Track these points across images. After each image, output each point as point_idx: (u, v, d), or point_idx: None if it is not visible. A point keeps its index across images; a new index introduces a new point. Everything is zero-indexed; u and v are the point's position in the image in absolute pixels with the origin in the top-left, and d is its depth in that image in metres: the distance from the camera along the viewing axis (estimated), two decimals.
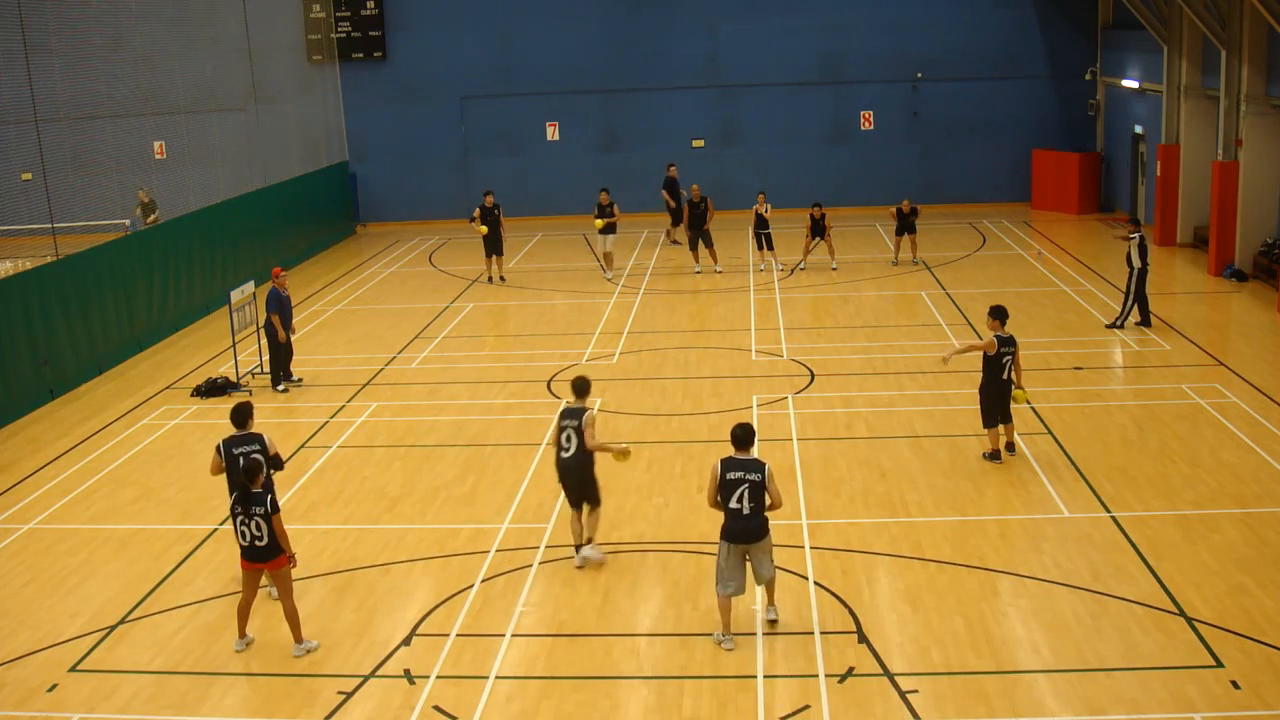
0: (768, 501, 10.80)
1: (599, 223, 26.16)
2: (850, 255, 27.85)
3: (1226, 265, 24.40)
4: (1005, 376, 14.66)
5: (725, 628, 10.92)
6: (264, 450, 12.03)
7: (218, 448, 12.15)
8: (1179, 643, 10.57)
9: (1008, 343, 14.64)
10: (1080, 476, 14.35)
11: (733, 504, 10.75)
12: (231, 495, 11.59)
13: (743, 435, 10.91)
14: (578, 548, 12.61)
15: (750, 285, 25.46)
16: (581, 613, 11.59)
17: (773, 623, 11.13)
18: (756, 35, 33.73)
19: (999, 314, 14.82)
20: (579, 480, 12.48)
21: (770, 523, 10.93)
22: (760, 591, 11.27)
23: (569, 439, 12.39)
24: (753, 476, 10.72)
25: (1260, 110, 23.55)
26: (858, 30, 33.54)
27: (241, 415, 12.28)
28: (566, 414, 12.48)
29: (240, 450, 11.95)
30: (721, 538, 10.88)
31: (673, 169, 29.82)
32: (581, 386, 12.63)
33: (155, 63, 27.72)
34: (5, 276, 20.86)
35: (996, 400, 14.75)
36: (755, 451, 11.08)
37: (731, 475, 10.76)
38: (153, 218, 27.48)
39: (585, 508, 12.58)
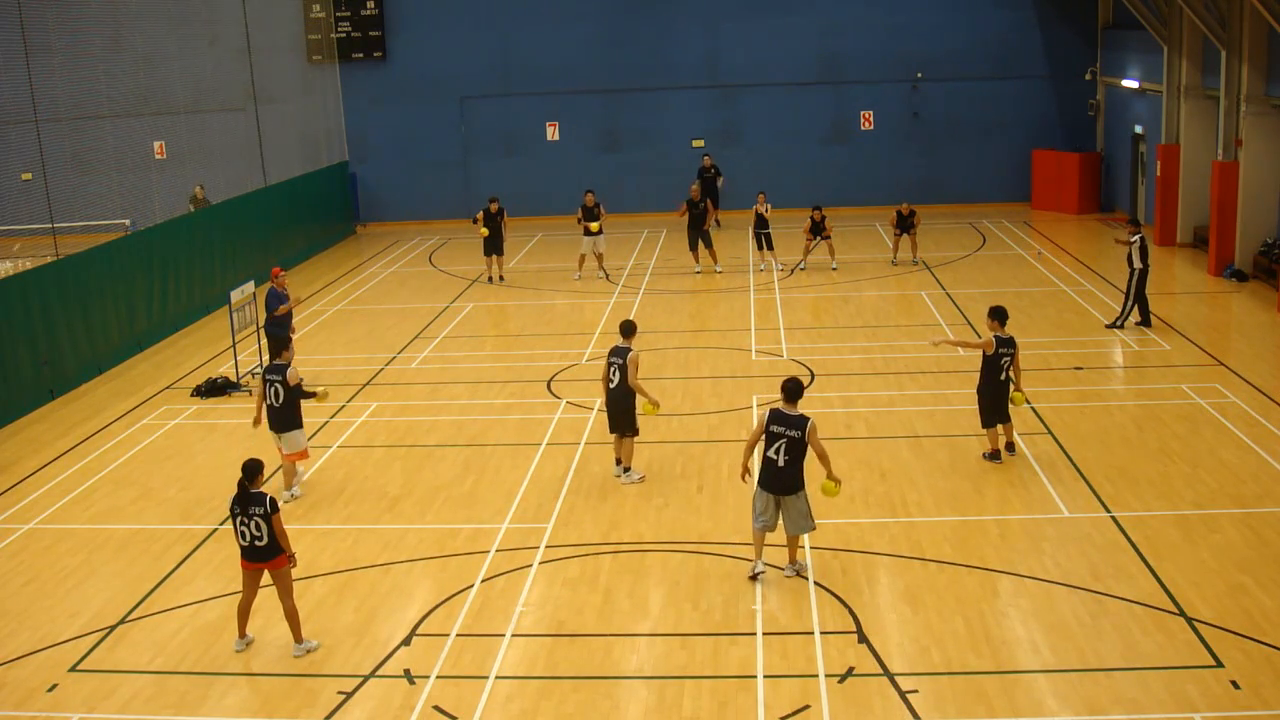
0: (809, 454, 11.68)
1: (594, 225, 25.97)
2: (850, 255, 27.85)
3: (1226, 265, 24.40)
4: (1003, 377, 14.66)
5: (758, 555, 11.93)
6: (284, 380, 14.41)
7: (261, 374, 15.15)
8: (1179, 643, 10.57)
9: (1007, 344, 14.63)
10: (1080, 476, 14.35)
11: (770, 454, 11.63)
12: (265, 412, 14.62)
13: (793, 388, 11.79)
14: (618, 461, 14.82)
15: (750, 285, 25.46)
16: (581, 613, 11.59)
17: (798, 575, 11.94)
18: (756, 35, 33.73)
19: (998, 315, 14.82)
20: (620, 410, 14.46)
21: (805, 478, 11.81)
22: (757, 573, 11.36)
23: (615, 373, 14.41)
24: (793, 433, 11.56)
25: (1260, 110, 23.55)
26: (858, 30, 33.54)
27: (277, 346, 15.36)
28: (614, 352, 14.48)
29: (270, 377, 14.54)
30: (758, 484, 11.83)
31: (707, 159, 31.45)
32: (628, 328, 14.69)
33: (155, 63, 27.72)
34: (5, 276, 20.85)
35: (995, 401, 14.74)
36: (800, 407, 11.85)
37: (775, 428, 11.63)
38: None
39: (625, 437, 14.60)
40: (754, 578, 11.88)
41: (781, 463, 11.58)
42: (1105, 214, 32.52)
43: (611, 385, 14.46)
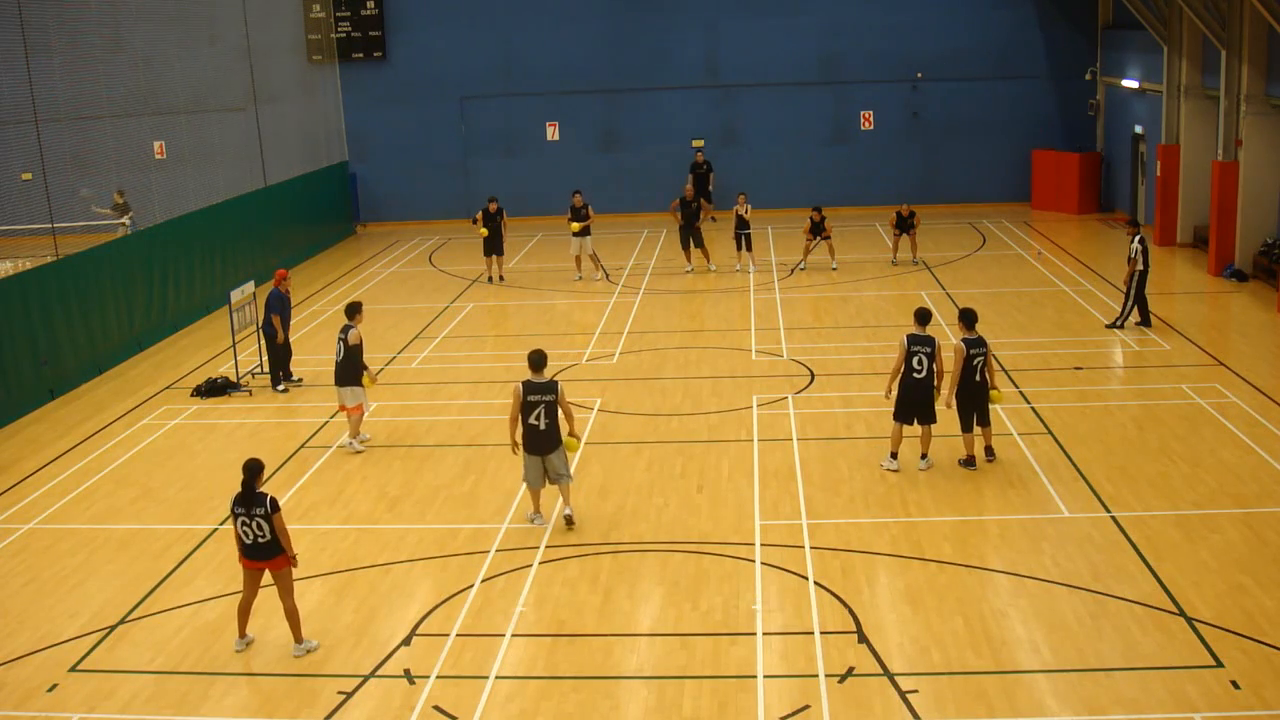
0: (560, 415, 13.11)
1: (575, 226, 25.92)
2: (850, 255, 27.84)
3: (1226, 265, 24.40)
4: (978, 379, 14.55)
5: (535, 509, 13.54)
6: (345, 340, 15.91)
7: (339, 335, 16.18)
8: (1179, 643, 10.57)
9: (976, 344, 14.51)
10: (1080, 476, 14.35)
11: (530, 420, 13.00)
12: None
13: (538, 360, 13.15)
14: (923, 456, 14.87)
15: (750, 285, 25.45)
16: (581, 613, 11.59)
17: (568, 519, 13.27)
18: (756, 35, 33.73)
19: (966, 317, 14.75)
20: (924, 399, 14.57)
21: (563, 433, 13.24)
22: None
23: (920, 363, 14.44)
24: (548, 397, 12.99)
25: (1260, 110, 23.55)
26: (858, 30, 33.53)
27: (351, 310, 16.38)
28: (917, 340, 14.46)
29: (341, 335, 16.05)
30: (524, 450, 13.17)
31: (700, 155, 32.62)
32: (924, 315, 14.72)
33: (155, 63, 27.69)
34: (5, 276, 20.84)
35: (970, 404, 14.61)
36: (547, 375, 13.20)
37: (531, 397, 12.98)
38: (124, 220, 27.29)
39: (925, 426, 14.70)
40: (531, 521, 13.48)
41: (543, 426, 12.98)
42: (1105, 214, 32.52)
43: (917, 375, 14.49)
